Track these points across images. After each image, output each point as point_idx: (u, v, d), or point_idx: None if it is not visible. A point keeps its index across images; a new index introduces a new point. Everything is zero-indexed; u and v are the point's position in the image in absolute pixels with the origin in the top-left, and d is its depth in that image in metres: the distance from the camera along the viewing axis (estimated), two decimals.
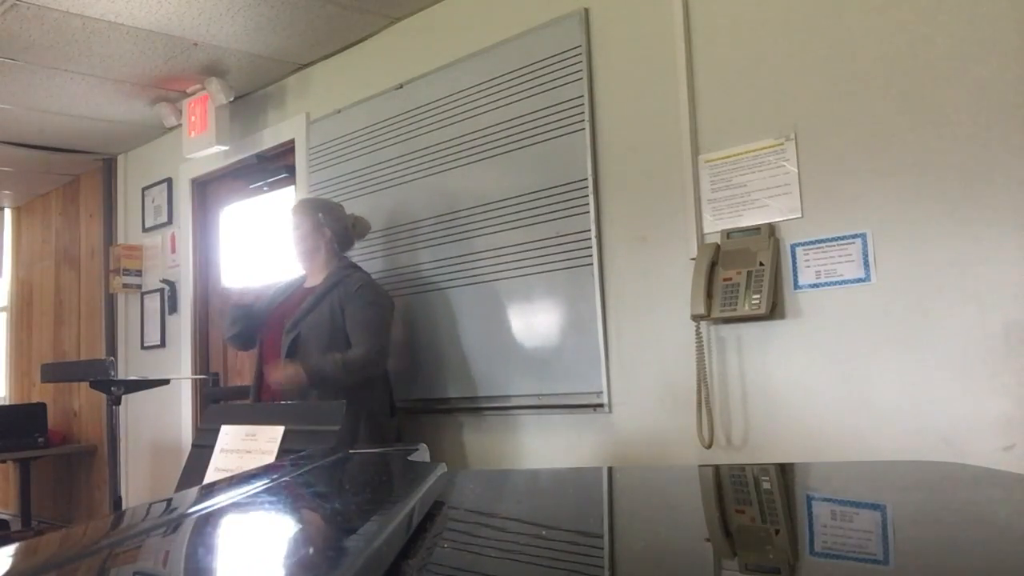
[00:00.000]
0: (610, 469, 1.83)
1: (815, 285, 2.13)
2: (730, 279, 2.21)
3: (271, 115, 3.80)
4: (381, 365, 2.76)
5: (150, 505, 0.86)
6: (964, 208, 1.91)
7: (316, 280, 2.86)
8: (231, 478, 1.08)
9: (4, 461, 4.98)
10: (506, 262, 2.78)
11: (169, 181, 4.43)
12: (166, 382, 2.85)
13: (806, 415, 2.14)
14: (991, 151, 1.88)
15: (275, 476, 0.99)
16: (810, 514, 0.86)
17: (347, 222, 2.94)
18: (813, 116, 2.15)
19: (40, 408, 5.07)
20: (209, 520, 0.75)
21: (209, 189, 4.27)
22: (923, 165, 1.97)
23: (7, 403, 5.78)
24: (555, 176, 2.65)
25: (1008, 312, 1.85)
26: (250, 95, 3.88)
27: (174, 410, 4.26)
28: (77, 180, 5.23)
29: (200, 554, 0.64)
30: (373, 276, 3.23)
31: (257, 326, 2.90)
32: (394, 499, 0.86)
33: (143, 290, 4.58)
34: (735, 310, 2.18)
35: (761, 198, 2.24)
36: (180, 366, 4.24)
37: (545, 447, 2.70)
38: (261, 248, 3.93)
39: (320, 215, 2.87)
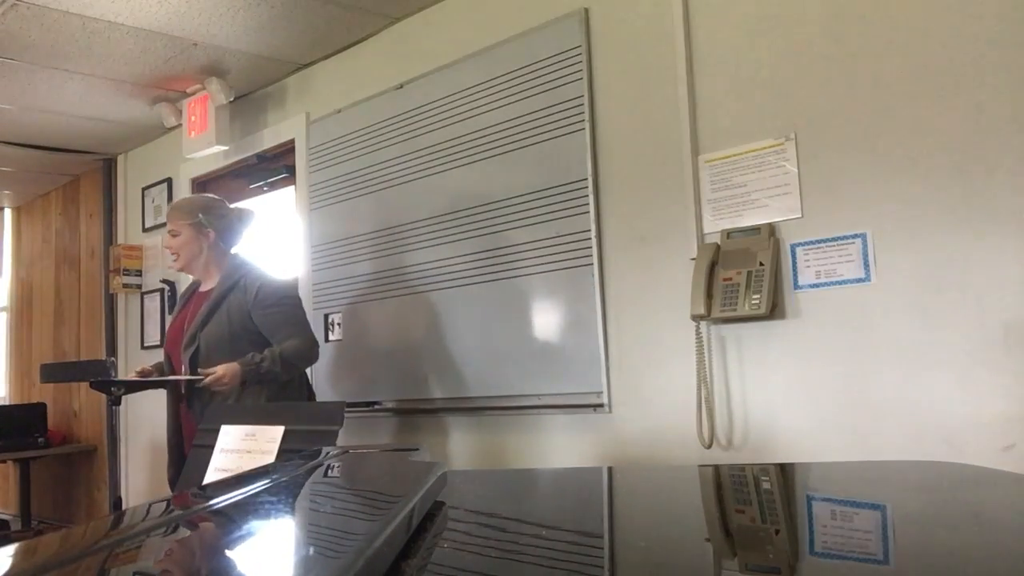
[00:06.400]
0: (610, 469, 1.83)
1: (815, 285, 2.13)
2: (730, 279, 2.21)
3: (271, 115, 3.80)
4: (315, 355, 2.74)
5: (150, 505, 0.86)
6: (964, 208, 1.91)
7: (211, 283, 2.76)
8: (231, 478, 1.08)
9: (4, 461, 4.98)
10: (506, 262, 2.78)
11: (169, 181, 4.43)
12: (166, 382, 2.84)
13: (806, 415, 2.14)
14: (991, 151, 1.88)
15: (274, 476, 0.99)
16: (810, 514, 0.85)
17: (231, 216, 2.82)
18: (813, 116, 2.15)
19: (40, 408, 5.06)
20: (208, 520, 0.75)
21: (209, 189, 4.26)
22: (923, 165, 1.97)
23: (7, 403, 5.78)
24: (555, 176, 2.65)
25: (1008, 312, 1.85)
26: (250, 95, 3.88)
27: None
28: (77, 180, 5.23)
29: (200, 554, 0.64)
30: (371, 276, 3.22)
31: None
32: (394, 499, 0.86)
33: (143, 290, 4.58)
34: (735, 310, 2.18)
35: (761, 198, 2.23)
36: None
37: (545, 447, 2.70)
38: (260, 247, 3.92)
39: (200, 216, 2.74)
